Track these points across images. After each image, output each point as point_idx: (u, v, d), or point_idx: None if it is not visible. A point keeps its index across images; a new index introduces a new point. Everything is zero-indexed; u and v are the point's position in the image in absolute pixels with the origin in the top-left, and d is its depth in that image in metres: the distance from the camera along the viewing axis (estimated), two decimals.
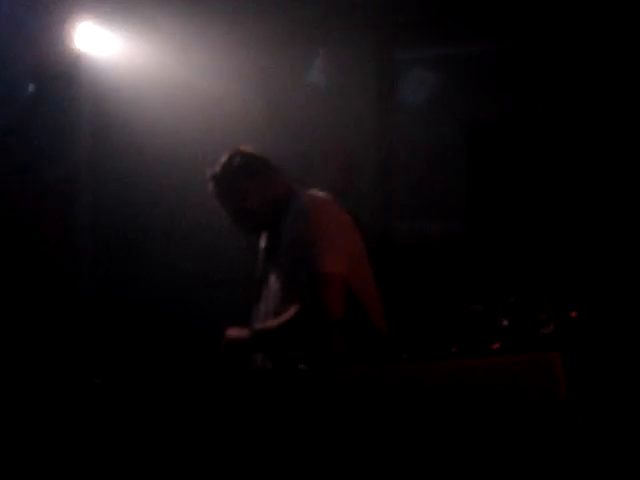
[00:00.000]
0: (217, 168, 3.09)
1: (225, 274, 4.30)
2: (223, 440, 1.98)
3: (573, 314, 2.73)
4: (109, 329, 4.42)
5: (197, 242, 4.36)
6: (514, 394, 2.07)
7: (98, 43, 4.29)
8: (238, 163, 3.05)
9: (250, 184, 3.02)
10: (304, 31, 4.60)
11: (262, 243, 3.17)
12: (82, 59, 4.33)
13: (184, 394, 2.01)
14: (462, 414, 2.06)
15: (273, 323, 2.85)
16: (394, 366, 2.24)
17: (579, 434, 2.04)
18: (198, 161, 3.27)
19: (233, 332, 2.95)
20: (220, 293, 4.29)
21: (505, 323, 2.74)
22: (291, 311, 2.77)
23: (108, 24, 4.32)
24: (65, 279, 4.48)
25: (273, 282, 2.99)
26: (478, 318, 2.82)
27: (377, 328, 2.91)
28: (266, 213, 3.01)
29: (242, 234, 3.24)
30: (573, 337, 2.62)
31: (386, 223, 4.37)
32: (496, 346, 2.49)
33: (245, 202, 3.03)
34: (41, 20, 4.11)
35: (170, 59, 4.32)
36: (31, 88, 4.24)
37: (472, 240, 4.19)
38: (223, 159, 3.09)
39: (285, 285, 2.89)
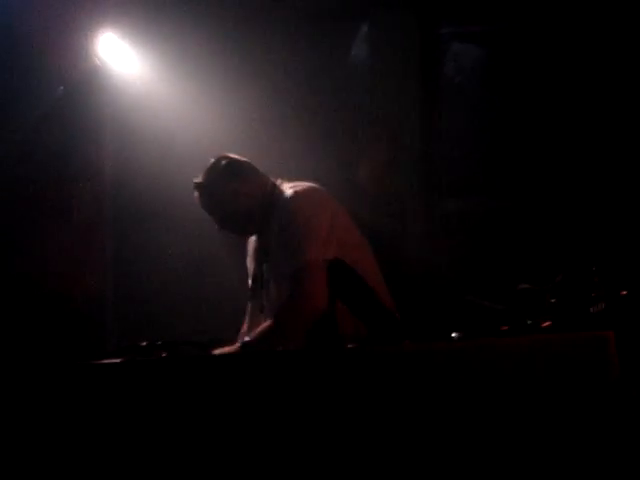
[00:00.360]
0: (202, 176, 3.11)
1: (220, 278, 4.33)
2: (231, 421, 1.96)
3: (623, 293, 2.70)
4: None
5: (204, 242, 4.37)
6: (567, 372, 2.05)
7: (118, 55, 4.37)
8: (224, 167, 3.08)
9: (237, 186, 3.05)
10: (347, 7, 4.56)
11: (254, 243, 3.21)
12: (103, 70, 4.40)
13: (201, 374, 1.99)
14: (514, 392, 2.05)
15: (264, 327, 2.86)
16: (445, 345, 2.23)
17: (633, 413, 2.02)
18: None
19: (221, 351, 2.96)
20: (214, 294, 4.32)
21: (553, 301, 2.73)
22: (280, 307, 2.83)
23: (129, 37, 4.37)
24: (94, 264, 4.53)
25: (270, 279, 3.04)
26: (526, 296, 2.80)
27: (387, 309, 2.92)
28: (254, 213, 3.05)
29: (233, 237, 3.25)
30: (623, 316, 2.59)
31: (430, 200, 4.34)
32: (546, 324, 2.47)
33: (234, 205, 3.06)
34: (67, 27, 4.16)
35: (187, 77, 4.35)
36: (61, 90, 4.31)
37: (519, 217, 4.16)
38: (208, 166, 3.11)
39: (277, 278, 2.96)
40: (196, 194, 3.11)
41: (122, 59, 4.36)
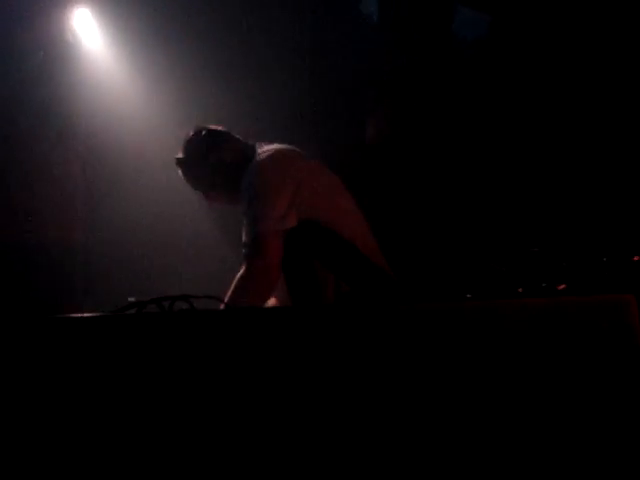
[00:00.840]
0: (183, 150, 3.07)
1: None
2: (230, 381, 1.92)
3: (636, 258, 2.69)
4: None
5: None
6: (588, 335, 2.03)
7: (91, 31, 4.44)
8: (203, 138, 3.05)
9: (220, 155, 3.02)
10: None
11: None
12: (77, 44, 4.44)
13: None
14: (531, 355, 2.02)
15: (230, 292, 2.82)
16: (459, 304, 2.20)
17: None
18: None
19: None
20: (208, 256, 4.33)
21: (565, 265, 2.72)
22: (238, 274, 2.80)
23: (102, 13, 4.42)
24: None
25: None
26: (538, 260, 2.80)
27: (372, 262, 2.86)
28: (236, 177, 2.96)
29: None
30: (635, 281, 2.58)
31: (438, 160, 4.31)
32: (562, 287, 2.46)
33: (218, 175, 3.02)
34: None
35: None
36: (41, 54, 4.35)
37: (527, 180, 4.13)
38: (187, 138, 3.08)
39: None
40: (179, 171, 3.08)
41: (93, 35, 4.44)
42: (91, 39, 4.43)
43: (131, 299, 2.18)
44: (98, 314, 1.98)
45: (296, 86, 4.42)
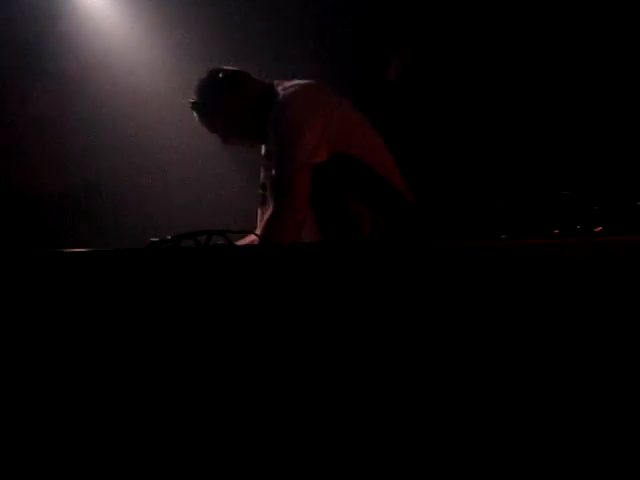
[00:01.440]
0: (198, 93, 3.04)
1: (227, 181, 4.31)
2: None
3: None
4: None
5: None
6: (630, 276, 1.99)
7: None
8: (220, 80, 3.01)
9: (237, 97, 2.99)
10: None
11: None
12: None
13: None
14: (570, 297, 1.99)
15: (260, 233, 2.84)
16: (497, 244, 2.16)
17: None
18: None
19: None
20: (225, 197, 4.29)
21: (596, 208, 2.67)
22: (266, 215, 2.81)
23: None
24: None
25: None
26: (567, 203, 2.75)
27: (403, 197, 2.89)
28: (257, 121, 2.97)
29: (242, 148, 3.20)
30: None
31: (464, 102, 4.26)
32: (598, 229, 2.41)
33: (236, 117, 3.00)
34: None
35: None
36: None
37: (556, 121, 4.08)
38: (202, 79, 3.05)
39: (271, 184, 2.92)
40: (195, 114, 3.04)
41: None
42: None
43: (154, 239, 2.14)
44: (132, 248, 1.95)
45: (309, 22, 4.35)
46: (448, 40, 4.18)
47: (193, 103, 3.03)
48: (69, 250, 1.84)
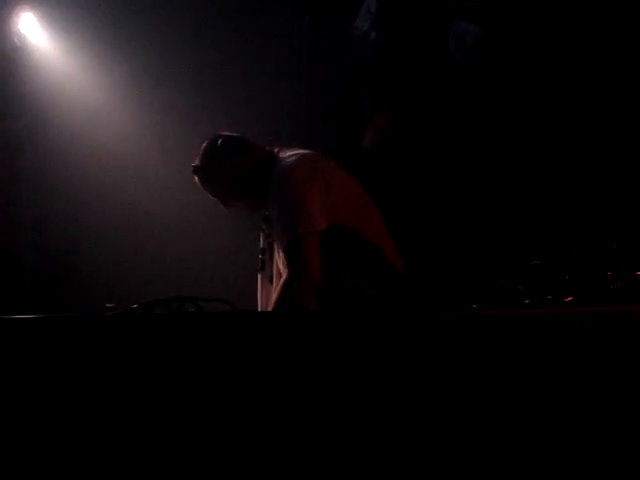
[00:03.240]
0: (200, 159, 3.10)
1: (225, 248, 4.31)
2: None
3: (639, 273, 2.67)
4: None
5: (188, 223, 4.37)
6: (596, 346, 2.00)
7: (37, 35, 4.53)
8: (221, 145, 3.07)
9: (238, 161, 3.04)
10: None
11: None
12: (22, 48, 4.51)
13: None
14: (539, 367, 2.00)
15: (274, 297, 2.90)
16: (465, 314, 2.18)
17: None
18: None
19: None
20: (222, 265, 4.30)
21: (567, 278, 2.70)
22: (281, 280, 2.87)
23: (48, 17, 4.50)
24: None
25: (276, 250, 3.04)
26: (540, 273, 2.77)
27: (395, 267, 2.95)
28: (257, 186, 3.02)
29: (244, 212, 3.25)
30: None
31: (439, 171, 4.32)
32: (568, 299, 2.44)
33: (237, 181, 3.05)
34: None
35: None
36: None
37: (530, 192, 4.14)
38: (204, 147, 3.10)
39: (278, 252, 2.97)
40: (196, 178, 3.10)
41: (40, 39, 4.53)
42: (38, 41, 4.54)
43: (109, 305, 2.15)
44: (105, 314, 1.94)
45: (291, 91, 4.42)
46: (424, 107, 4.26)
47: (195, 167, 3.08)
48: (32, 316, 1.84)
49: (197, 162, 3.08)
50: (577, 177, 4.09)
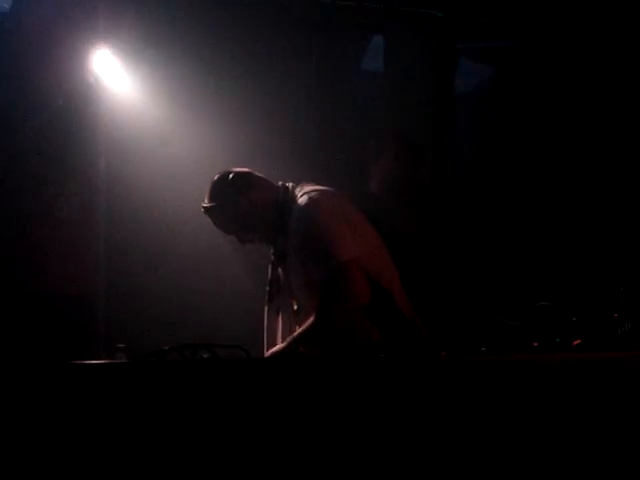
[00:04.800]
0: (209, 197, 3.07)
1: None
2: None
3: None
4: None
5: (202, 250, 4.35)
6: (605, 391, 2.03)
7: (113, 73, 4.35)
8: (232, 181, 3.06)
9: (251, 196, 3.04)
10: (362, 18, 4.56)
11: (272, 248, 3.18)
12: (97, 85, 4.34)
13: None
14: (547, 411, 2.02)
15: (307, 325, 2.89)
16: (477, 359, 2.20)
17: None
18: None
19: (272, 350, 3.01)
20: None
21: (574, 320, 2.72)
22: (318, 308, 2.85)
23: (123, 54, 4.31)
24: None
25: (292, 284, 3.03)
26: (546, 314, 2.79)
27: (404, 315, 2.94)
28: (271, 220, 3.03)
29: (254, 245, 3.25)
30: None
31: (445, 215, 4.34)
32: (577, 342, 2.46)
33: (251, 216, 3.04)
34: (64, 42, 4.18)
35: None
36: (60, 102, 4.35)
37: (536, 232, 4.16)
38: (213, 185, 3.08)
39: (306, 284, 2.95)
40: (210, 217, 3.08)
41: (115, 76, 4.34)
42: (113, 79, 4.34)
43: (120, 345, 2.16)
44: (118, 361, 1.97)
45: (299, 131, 4.45)
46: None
47: (206, 208, 3.08)
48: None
49: (208, 201, 3.07)
50: (584, 217, 4.11)
